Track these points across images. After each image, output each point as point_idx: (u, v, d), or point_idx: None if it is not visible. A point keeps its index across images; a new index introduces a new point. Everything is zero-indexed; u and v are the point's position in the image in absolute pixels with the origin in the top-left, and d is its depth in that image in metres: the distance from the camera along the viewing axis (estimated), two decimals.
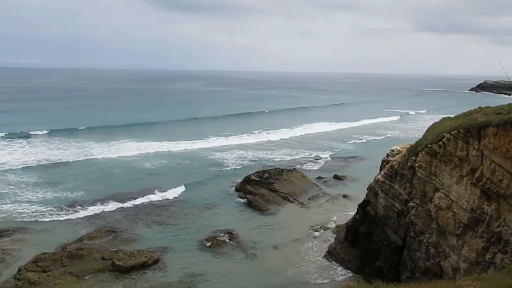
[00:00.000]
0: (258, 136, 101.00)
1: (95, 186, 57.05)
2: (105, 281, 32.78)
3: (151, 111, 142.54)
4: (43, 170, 64.91)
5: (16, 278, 32.35)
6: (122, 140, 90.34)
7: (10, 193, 53.17)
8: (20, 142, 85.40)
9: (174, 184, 58.23)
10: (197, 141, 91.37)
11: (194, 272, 34.51)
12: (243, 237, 41.87)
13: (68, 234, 41.74)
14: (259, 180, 56.29)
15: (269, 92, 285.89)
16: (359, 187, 54.23)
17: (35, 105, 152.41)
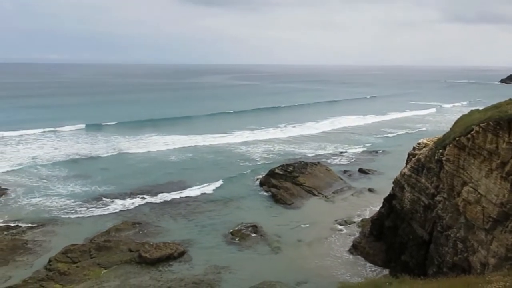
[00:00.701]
0: (284, 130, 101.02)
1: (122, 180, 58.01)
2: (132, 272, 33.37)
3: (177, 106, 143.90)
4: (72, 164, 66.38)
5: (47, 269, 33.27)
6: (149, 134, 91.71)
7: (41, 187, 54.62)
8: (49, 136, 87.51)
9: (199, 178, 58.79)
10: (222, 135, 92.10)
11: (218, 265, 34.80)
12: (268, 231, 41.96)
13: (96, 226, 42.65)
14: (283, 174, 56.24)
15: (294, 85, 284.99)
16: (384, 181, 53.60)
17: (63, 101, 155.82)
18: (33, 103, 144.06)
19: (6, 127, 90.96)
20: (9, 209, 47.35)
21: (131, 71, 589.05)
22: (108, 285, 31.14)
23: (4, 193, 51.40)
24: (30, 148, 76.33)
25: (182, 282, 31.83)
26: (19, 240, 38.94)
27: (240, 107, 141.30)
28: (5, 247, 37.14)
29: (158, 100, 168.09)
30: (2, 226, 42.24)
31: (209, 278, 32.57)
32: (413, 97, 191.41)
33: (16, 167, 63.06)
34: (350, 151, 78.19)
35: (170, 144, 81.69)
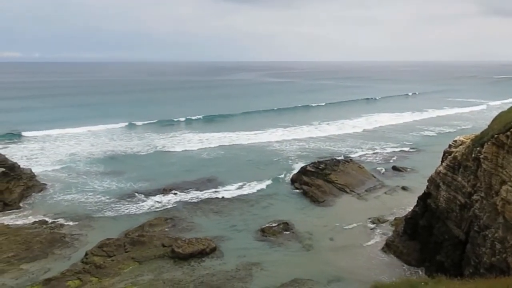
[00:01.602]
0: (317, 127, 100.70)
1: (156, 176, 58.97)
2: (165, 267, 33.92)
3: (210, 104, 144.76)
4: (108, 161, 68.07)
5: (84, 262, 34.22)
6: (182, 132, 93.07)
7: (78, 183, 56.22)
8: (85, 134, 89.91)
9: (231, 175, 59.22)
10: (255, 133, 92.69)
11: (250, 261, 34.94)
12: (299, 228, 41.82)
13: (130, 222, 43.57)
14: (315, 171, 55.91)
15: (327, 82, 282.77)
16: (419, 179, 52.61)
17: (98, 99, 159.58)
18: (65, 103, 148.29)
19: (45, 126, 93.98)
20: (48, 204, 49.02)
21: (165, 69, 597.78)
22: (142, 279, 31.74)
23: (43, 188, 53.19)
24: (68, 145, 78.70)
25: (214, 278, 32.13)
26: (57, 234, 40.22)
27: (273, 104, 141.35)
28: (44, 240, 38.46)
29: (191, 98, 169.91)
30: (41, 220, 43.77)
31: (240, 274, 32.75)
32: (452, 94, 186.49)
33: (55, 164, 65.13)
34: (384, 149, 77.03)
35: (205, 142, 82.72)
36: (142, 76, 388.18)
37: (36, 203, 49.30)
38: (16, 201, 48.40)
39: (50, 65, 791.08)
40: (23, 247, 37.06)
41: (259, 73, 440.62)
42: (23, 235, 39.50)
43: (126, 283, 31.08)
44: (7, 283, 31.54)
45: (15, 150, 71.92)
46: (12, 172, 51.16)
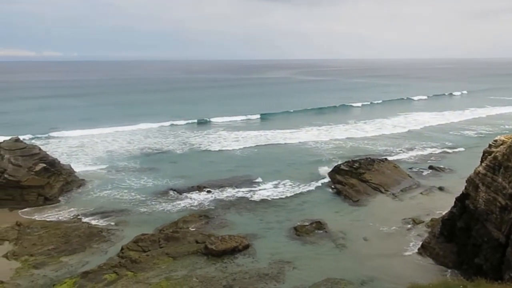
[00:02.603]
0: (353, 126, 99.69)
1: (191, 174, 59.74)
2: (198, 263, 34.34)
3: (245, 102, 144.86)
4: (144, 158, 69.49)
5: (120, 256, 35.04)
6: (217, 130, 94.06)
7: (115, 179, 57.65)
8: (121, 131, 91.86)
9: (265, 173, 59.35)
10: (291, 131, 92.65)
11: (282, 259, 34.92)
12: (332, 227, 41.49)
13: (164, 218, 44.30)
14: (349, 170, 55.32)
15: (362, 80, 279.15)
16: (456, 180, 51.21)
17: (131, 98, 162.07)
18: (106, 101, 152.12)
19: (83, 124, 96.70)
20: (86, 199, 50.46)
21: (196, 67, 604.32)
22: (175, 275, 32.23)
23: (81, 184, 54.76)
24: (105, 143, 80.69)
25: (247, 275, 32.29)
26: (94, 228, 41.37)
27: (307, 103, 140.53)
28: (82, 234, 39.62)
29: (225, 96, 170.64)
30: (80, 214, 45.16)
31: (273, 273, 32.78)
32: (494, 93, 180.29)
33: (93, 161, 66.99)
34: (422, 148, 75.44)
35: (240, 140, 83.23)
36: (175, 74, 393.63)
37: (75, 198, 50.84)
38: (56, 196, 50.05)
39: (88, 64, 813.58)
40: (62, 241, 38.31)
41: (292, 71, 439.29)
42: (63, 229, 40.82)
43: (160, 278, 31.63)
44: (47, 274, 32.70)
45: (55, 147, 74.30)
46: (53, 167, 52.91)
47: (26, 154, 51.67)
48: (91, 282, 30.78)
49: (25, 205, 47.71)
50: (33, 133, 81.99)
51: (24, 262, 34.50)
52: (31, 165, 50.37)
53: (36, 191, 48.92)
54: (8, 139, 54.09)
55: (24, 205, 47.69)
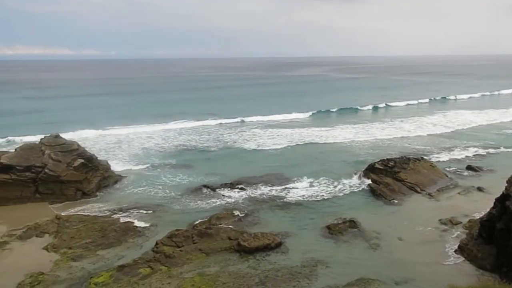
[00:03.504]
0: (390, 124, 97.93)
1: (225, 171, 60.16)
2: (231, 259, 34.55)
3: (277, 102, 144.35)
4: (178, 155, 70.46)
5: (154, 251, 35.66)
6: (252, 127, 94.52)
7: (151, 175, 58.73)
8: (156, 129, 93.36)
9: (299, 171, 59.08)
10: (326, 129, 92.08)
11: (315, 258, 34.72)
12: (366, 226, 40.95)
13: (198, 214, 44.80)
14: (383, 169, 54.45)
15: (400, 78, 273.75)
16: (496, 180, 49.60)
17: (167, 96, 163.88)
18: (142, 99, 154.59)
19: (120, 122, 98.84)
20: (122, 194, 51.63)
21: (230, 65, 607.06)
22: (208, 270, 32.56)
23: (118, 180, 56.04)
24: (141, 140, 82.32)
25: (279, 273, 32.27)
26: (130, 223, 42.27)
27: (342, 100, 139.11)
28: (118, 228, 40.56)
29: (259, 94, 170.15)
30: (116, 209, 46.23)
31: (305, 271, 32.64)
32: None
33: (130, 157, 68.51)
34: (460, 148, 73.35)
35: (275, 138, 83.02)
36: (208, 71, 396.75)
37: (111, 193, 52.09)
38: (93, 190, 51.41)
39: (125, 62, 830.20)
40: (99, 234, 39.33)
41: (325, 69, 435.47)
42: (99, 223, 41.90)
43: (193, 273, 32.03)
44: (85, 267, 33.65)
45: (93, 143, 76.24)
46: (90, 163, 54.35)
47: (65, 150, 53.30)
48: (127, 276, 31.49)
49: (64, 199, 49.27)
50: (73, 130, 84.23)
51: (63, 255, 35.61)
52: (70, 161, 51.94)
53: (74, 185, 50.42)
54: (49, 135, 55.87)
55: (63, 199, 49.25)
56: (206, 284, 30.44)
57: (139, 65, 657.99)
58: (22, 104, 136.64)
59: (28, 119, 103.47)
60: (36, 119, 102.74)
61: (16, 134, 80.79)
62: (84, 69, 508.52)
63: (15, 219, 43.82)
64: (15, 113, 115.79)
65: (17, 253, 36.34)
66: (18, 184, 48.70)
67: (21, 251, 36.61)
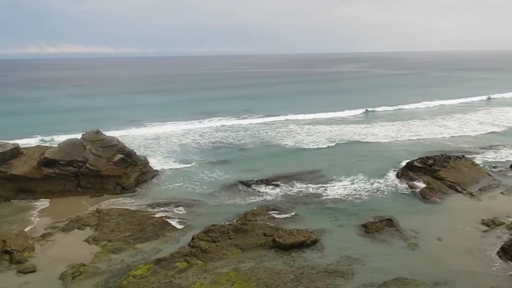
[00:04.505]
0: (431, 122, 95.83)
1: (261, 168, 60.47)
2: (266, 255, 34.62)
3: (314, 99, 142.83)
4: (215, 151, 71.42)
5: (190, 245, 36.16)
6: (289, 125, 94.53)
7: (188, 171, 59.69)
8: (193, 126, 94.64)
9: (337, 169, 58.71)
10: (365, 126, 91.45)
11: (351, 256, 34.36)
12: (404, 225, 40.15)
13: (234, 209, 45.16)
14: (422, 167, 53.25)
15: (443, 74, 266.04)
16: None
17: (205, 94, 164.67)
18: (180, 96, 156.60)
19: (158, 119, 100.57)
20: (159, 189, 52.67)
21: (267, 61, 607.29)
22: (243, 266, 32.76)
23: (155, 175, 57.19)
24: (179, 136, 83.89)
25: (314, 270, 32.10)
26: (167, 217, 43.07)
27: (382, 97, 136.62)
28: (156, 223, 41.37)
29: (297, 92, 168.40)
30: (153, 204, 47.22)
31: (341, 269, 32.35)
32: None
33: (167, 153, 69.92)
34: (505, 146, 70.76)
35: (313, 135, 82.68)
36: (247, 68, 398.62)
37: (150, 188, 53.19)
38: (132, 185, 52.62)
39: (163, 59, 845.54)
40: (137, 228, 40.24)
41: (363, 65, 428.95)
42: (138, 217, 42.85)
43: (229, 269, 32.29)
44: (124, 260, 34.54)
45: (132, 139, 77.97)
46: (129, 158, 55.68)
47: (106, 145, 54.81)
48: (164, 269, 32.09)
49: (104, 193, 50.71)
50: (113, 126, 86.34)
51: (103, 247, 36.67)
52: (110, 156, 53.37)
53: (114, 180, 51.77)
54: (90, 131, 57.54)
55: (103, 193, 50.71)
56: (242, 279, 30.64)
57: (177, 62, 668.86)
58: (66, 101, 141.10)
59: (71, 117, 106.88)
60: (79, 117, 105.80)
61: (59, 131, 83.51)
62: (124, 66, 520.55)
63: (58, 211, 45.51)
64: (59, 110, 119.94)
65: (60, 244, 37.68)
66: (61, 178, 50.49)
67: (64, 243, 37.95)
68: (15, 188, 49.63)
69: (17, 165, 50.51)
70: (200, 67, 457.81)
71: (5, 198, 48.87)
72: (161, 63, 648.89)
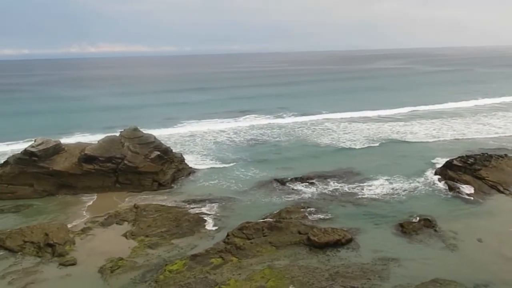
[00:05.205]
0: (473, 120, 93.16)
1: (296, 165, 60.52)
2: (300, 253, 34.52)
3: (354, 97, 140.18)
4: (250, 149, 72.06)
5: (225, 242, 36.46)
6: (324, 122, 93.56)
7: (222, 168, 60.40)
8: (228, 124, 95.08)
9: (374, 168, 58.11)
10: (404, 124, 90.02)
11: (387, 256, 33.80)
12: (442, 226, 39.15)
13: (268, 207, 45.26)
14: (462, 166, 51.79)
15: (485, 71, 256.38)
16: None
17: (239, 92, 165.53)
18: (217, 94, 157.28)
19: (193, 117, 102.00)
20: (195, 186, 53.38)
21: (304, 58, 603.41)
22: (278, 263, 32.76)
23: (192, 172, 57.99)
24: (214, 133, 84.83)
25: (349, 269, 31.77)
26: (203, 214, 43.56)
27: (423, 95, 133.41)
28: (191, 219, 41.95)
29: (335, 89, 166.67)
30: (189, 200, 47.88)
31: (376, 269, 31.88)
32: None
33: (203, 151, 70.84)
34: None
35: (350, 134, 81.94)
36: (283, 65, 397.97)
37: (185, 185, 53.96)
38: (168, 182, 53.50)
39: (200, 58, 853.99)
40: (174, 224, 40.91)
41: (403, 61, 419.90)
42: (174, 213, 43.57)
43: (263, 266, 32.38)
44: (161, 255, 35.21)
45: (168, 137, 79.24)
46: (166, 155, 56.62)
47: (143, 142, 55.96)
48: (199, 265, 32.52)
49: (142, 189, 51.82)
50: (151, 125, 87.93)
51: (140, 242, 37.49)
52: (147, 153, 54.46)
53: (151, 177, 52.78)
54: (127, 128, 58.83)
55: (140, 189, 51.82)
56: (276, 277, 30.67)
57: (213, 60, 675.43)
58: (105, 100, 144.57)
59: (109, 114, 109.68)
60: (117, 114, 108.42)
61: (98, 128, 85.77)
62: (161, 65, 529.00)
63: (97, 206, 46.88)
64: (99, 109, 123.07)
65: (99, 238, 38.79)
66: (100, 174, 51.91)
67: (103, 237, 39.04)
68: (57, 183, 51.41)
69: (59, 161, 52.27)
70: (235, 65, 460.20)
71: (48, 193, 50.77)
72: (197, 61, 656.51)
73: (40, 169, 51.04)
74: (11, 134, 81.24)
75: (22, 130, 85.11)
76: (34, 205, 47.76)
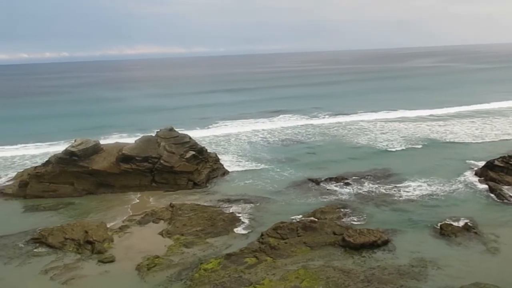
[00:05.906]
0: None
1: (330, 165, 60.29)
2: (335, 254, 34.17)
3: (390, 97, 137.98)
4: (283, 149, 72.22)
5: (260, 242, 36.50)
6: (360, 122, 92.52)
7: (257, 168, 60.70)
8: (262, 124, 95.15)
9: (411, 168, 57.13)
10: (441, 123, 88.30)
11: (424, 258, 33.00)
12: (483, 228, 37.93)
13: (302, 207, 45.04)
14: (504, 166, 50.01)
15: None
16: None
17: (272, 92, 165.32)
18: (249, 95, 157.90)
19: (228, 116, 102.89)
20: (229, 186, 53.71)
21: (339, 57, 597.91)
22: (312, 264, 32.54)
23: (226, 172, 58.36)
24: (248, 133, 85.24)
25: (386, 271, 31.21)
26: (237, 213, 43.77)
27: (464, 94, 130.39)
28: (226, 218, 42.21)
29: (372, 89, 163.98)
30: (224, 199, 48.25)
31: (414, 271, 31.18)
32: None
33: (237, 151, 71.36)
34: None
35: (387, 134, 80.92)
36: (315, 65, 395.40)
37: (220, 184, 54.37)
38: (203, 181, 54.03)
39: (233, 58, 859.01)
40: (208, 223, 41.26)
41: (439, 59, 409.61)
42: (209, 212, 43.94)
43: (297, 266, 32.23)
44: (196, 253, 35.58)
45: (203, 137, 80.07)
46: (201, 155, 57.23)
47: (179, 142, 56.75)
48: (234, 264, 32.68)
49: (177, 188, 52.54)
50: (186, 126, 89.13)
51: (176, 240, 38.01)
52: (182, 152, 55.19)
53: (186, 176, 53.46)
54: (163, 128, 59.79)
55: (176, 188, 52.56)
56: (310, 277, 30.45)
57: (246, 60, 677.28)
58: (142, 101, 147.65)
59: (146, 115, 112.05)
60: (153, 115, 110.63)
61: (136, 129, 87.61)
62: (195, 66, 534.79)
63: (134, 205, 47.88)
64: (135, 110, 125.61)
65: (136, 236, 39.57)
66: (137, 173, 52.97)
67: (140, 235, 39.80)
68: (96, 182, 52.80)
69: (97, 160, 53.67)
70: (269, 65, 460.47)
71: (88, 191, 52.22)
72: (231, 61, 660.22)
73: (80, 168, 52.55)
74: (52, 135, 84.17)
75: (62, 131, 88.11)
76: (74, 203, 49.23)
